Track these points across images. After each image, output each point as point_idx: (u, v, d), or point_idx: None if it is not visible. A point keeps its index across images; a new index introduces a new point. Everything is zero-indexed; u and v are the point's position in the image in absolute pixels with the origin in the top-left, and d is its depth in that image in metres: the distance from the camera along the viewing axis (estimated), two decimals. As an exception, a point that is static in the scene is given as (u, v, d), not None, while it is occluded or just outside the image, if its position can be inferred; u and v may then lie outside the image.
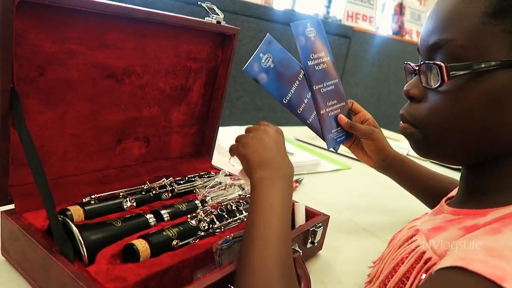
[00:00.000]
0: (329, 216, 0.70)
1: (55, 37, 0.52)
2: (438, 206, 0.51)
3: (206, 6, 0.69)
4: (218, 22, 0.70)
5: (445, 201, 0.50)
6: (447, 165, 0.46)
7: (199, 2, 0.70)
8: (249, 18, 2.27)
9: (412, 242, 0.46)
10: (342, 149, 1.36)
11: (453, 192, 0.54)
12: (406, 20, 3.59)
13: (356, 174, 1.22)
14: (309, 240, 0.65)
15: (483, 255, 0.32)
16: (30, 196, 0.55)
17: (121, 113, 0.65)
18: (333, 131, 0.75)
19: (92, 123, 0.62)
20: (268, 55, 0.65)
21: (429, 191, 0.82)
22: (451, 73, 0.40)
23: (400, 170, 0.81)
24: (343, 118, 0.77)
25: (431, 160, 1.17)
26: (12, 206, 0.54)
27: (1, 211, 0.53)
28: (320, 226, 0.65)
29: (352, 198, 0.99)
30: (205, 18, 0.69)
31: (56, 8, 0.50)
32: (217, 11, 0.70)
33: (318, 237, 0.65)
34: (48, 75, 0.53)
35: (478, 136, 0.41)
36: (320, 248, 0.71)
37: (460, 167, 0.49)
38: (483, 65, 0.38)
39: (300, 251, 0.60)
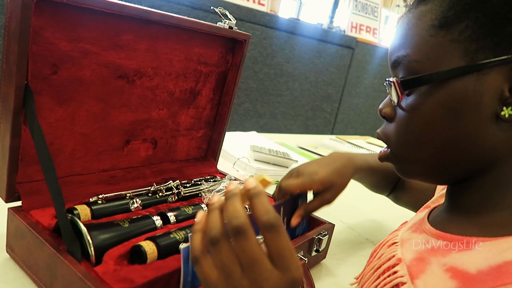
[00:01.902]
0: (334, 225, 0.70)
1: (70, 36, 0.52)
2: (419, 218, 0.48)
3: (219, 11, 0.69)
4: (230, 28, 0.70)
5: (429, 213, 0.47)
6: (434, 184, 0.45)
7: (211, 7, 0.70)
8: (254, 25, 2.29)
9: (394, 274, 0.42)
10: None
11: (436, 201, 0.51)
12: (409, 33, 3.61)
13: (359, 184, 1.21)
14: (314, 248, 0.64)
15: None
16: (37, 194, 0.55)
17: (130, 114, 0.65)
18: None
19: (101, 123, 0.62)
20: None
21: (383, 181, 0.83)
22: (403, 87, 0.40)
23: (361, 182, 0.83)
24: (293, 220, 0.63)
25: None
26: (19, 203, 0.54)
27: (8, 208, 0.53)
28: (325, 235, 0.65)
29: (355, 208, 0.99)
30: (217, 23, 0.69)
31: (73, 7, 0.51)
32: (229, 16, 0.70)
33: (323, 246, 0.65)
34: (61, 73, 0.54)
35: (445, 151, 0.39)
36: (324, 256, 0.71)
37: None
38: (433, 76, 0.38)
39: (306, 259, 0.60)
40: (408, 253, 0.42)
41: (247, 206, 0.67)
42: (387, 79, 0.42)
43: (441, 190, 0.55)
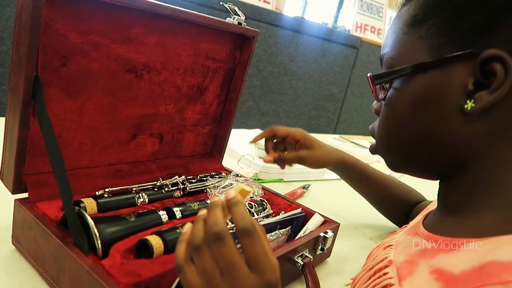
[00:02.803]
0: (339, 224, 0.69)
1: (81, 28, 0.52)
2: (416, 221, 0.49)
3: (228, 7, 0.69)
4: (239, 24, 0.70)
5: (424, 218, 0.48)
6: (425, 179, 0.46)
7: (221, 3, 0.70)
8: (259, 23, 2.28)
9: (383, 275, 0.42)
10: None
11: (435, 205, 0.51)
12: (414, 34, 3.60)
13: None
14: (319, 247, 0.64)
15: None
16: (44, 186, 0.55)
17: (138, 108, 0.65)
18: None
19: (109, 116, 0.62)
20: None
21: (379, 195, 0.86)
22: (375, 81, 0.42)
23: (345, 174, 0.86)
24: (267, 159, 0.77)
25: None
26: (25, 195, 0.53)
27: (15, 199, 0.52)
28: (331, 233, 0.65)
29: (359, 208, 0.99)
30: (226, 18, 0.69)
31: (84, -1, 0.51)
32: (238, 12, 0.70)
33: (328, 244, 0.65)
34: (70, 65, 0.53)
35: (418, 144, 0.41)
36: (329, 255, 0.70)
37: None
38: (401, 70, 0.40)
39: (311, 257, 0.60)
40: (400, 255, 0.43)
41: (251, 201, 0.67)
42: (367, 75, 0.45)
43: None
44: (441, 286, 0.34)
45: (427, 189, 0.86)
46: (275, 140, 0.82)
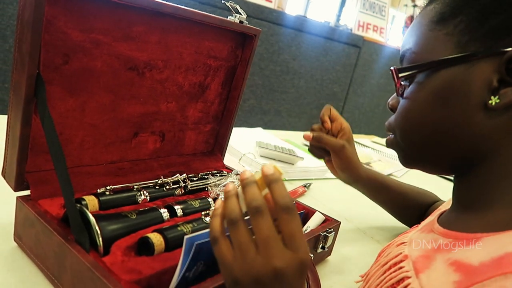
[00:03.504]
0: (340, 222, 0.69)
1: (83, 26, 0.52)
2: (430, 220, 0.49)
3: (230, 5, 0.69)
4: (241, 22, 0.70)
5: (438, 216, 0.48)
6: (438, 175, 0.47)
7: (223, 1, 0.70)
8: (261, 21, 2.28)
9: (399, 269, 0.43)
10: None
11: (447, 204, 0.52)
12: (416, 33, 3.59)
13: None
14: (320, 245, 0.64)
15: None
16: (45, 183, 0.55)
17: (140, 106, 0.65)
18: None
19: (110, 114, 0.62)
20: (199, 263, 0.45)
21: (399, 205, 0.84)
22: (400, 74, 0.43)
23: (366, 188, 0.83)
24: (307, 134, 0.77)
25: (449, 178, 1.16)
26: (27, 192, 0.54)
27: (17, 197, 0.53)
28: (331, 232, 0.65)
29: (359, 207, 0.99)
30: (228, 17, 0.69)
31: (86, -3, 0.51)
32: (240, 10, 0.70)
33: (329, 243, 0.65)
34: (72, 63, 0.53)
35: (437, 136, 0.42)
36: (329, 254, 0.71)
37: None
38: (426, 65, 0.41)
39: (312, 255, 0.60)
40: (415, 251, 0.43)
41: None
42: (390, 68, 0.45)
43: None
44: (460, 277, 0.34)
45: (440, 189, 0.86)
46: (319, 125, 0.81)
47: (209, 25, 0.66)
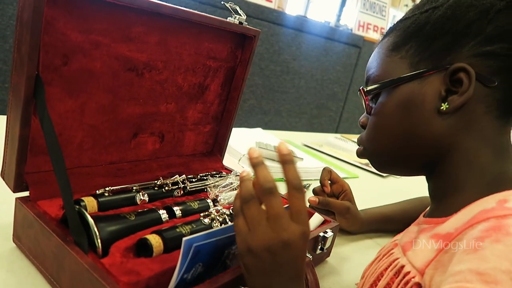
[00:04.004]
0: (339, 224, 0.69)
1: (82, 27, 0.52)
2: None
3: (230, 6, 0.69)
4: (240, 23, 0.70)
5: (424, 213, 0.54)
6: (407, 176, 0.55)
7: (222, 2, 0.70)
8: (261, 21, 2.28)
9: (390, 255, 0.51)
10: (350, 158, 1.36)
11: None
12: (417, 34, 3.59)
13: (363, 184, 1.21)
14: (319, 246, 0.64)
15: (478, 282, 0.33)
16: (44, 184, 0.55)
17: (139, 107, 0.65)
18: None
19: (110, 115, 0.62)
20: (197, 265, 0.45)
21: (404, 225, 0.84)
22: (367, 93, 0.52)
23: (373, 228, 0.86)
24: (313, 199, 0.79)
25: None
26: (26, 193, 0.54)
27: (16, 198, 0.53)
28: (330, 233, 0.65)
29: (358, 208, 0.99)
30: (228, 18, 0.69)
31: (85, -2, 0.51)
32: (239, 11, 0.70)
33: (328, 244, 0.65)
34: (72, 64, 0.53)
35: (403, 141, 0.49)
36: (328, 255, 0.71)
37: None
38: (388, 83, 0.49)
39: (310, 256, 0.60)
40: (403, 239, 0.51)
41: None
42: (359, 88, 0.54)
43: None
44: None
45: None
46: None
47: (208, 26, 0.66)
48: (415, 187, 0.87)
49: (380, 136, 0.52)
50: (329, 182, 0.84)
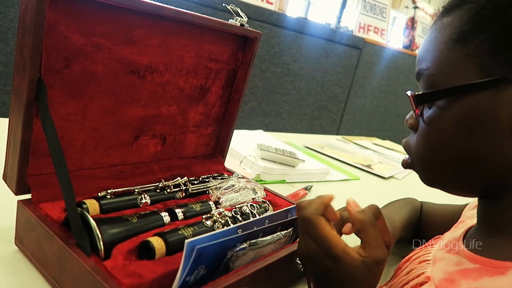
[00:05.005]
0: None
1: (84, 30, 0.52)
2: (454, 236, 0.48)
3: (231, 8, 0.69)
4: (242, 25, 0.70)
5: (464, 235, 0.47)
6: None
7: (224, 4, 0.70)
8: (262, 23, 2.29)
9: None
10: (351, 159, 1.36)
11: (473, 216, 0.50)
12: (417, 35, 3.60)
13: (365, 185, 1.21)
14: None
15: None
16: (46, 187, 0.55)
17: (141, 110, 0.65)
18: None
19: (111, 117, 0.62)
20: (200, 267, 0.45)
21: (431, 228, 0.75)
22: (418, 102, 0.41)
23: (408, 234, 0.75)
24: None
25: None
26: (28, 196, 0.54)
27: (18, 201, 0.53)
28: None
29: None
30: (229, 20, 0.69)
31: (87, 1, 0.51)
32: (241, 13, 0.70)
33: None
34: (73, 67, 0.54)
35: (461, 166, 0.39)
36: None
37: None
38: (448, 91, 0.37)
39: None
40: (438, 273, 0.42)
41: (253, 202, 0.66)
42: (406, 92, 0.43)
43: (472, 208, 0.55)
44: None
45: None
46: None
47: (210, 28, 0.67)
48: (416, 188, 0.87)
49: (432, 152, 0.42)
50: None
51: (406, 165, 0.48)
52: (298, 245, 0.46)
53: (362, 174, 1.30)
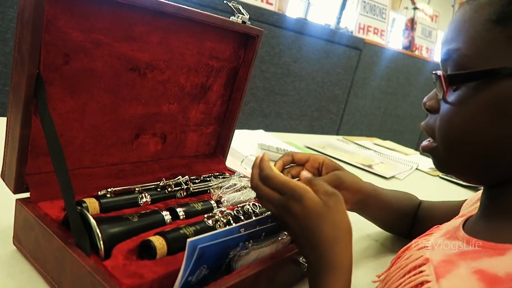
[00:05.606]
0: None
1: (83, 26, 0.51)
2: (453, 225, 0.47)
3: (232, 5, 0.69)
4: (243, 22, 0.69)
5: (463, 223, 0.46)
6: (471, 184, 0.43)
7: (225, 1, 0.69)
8: (262, 24, 2.28)
9: (420, 273, 0.42)
10: (352, 159, 1.35)
11: (472, 210, 0.51)
12: (417, 36, 3.60)
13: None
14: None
15: None
16: (45, 186, 0.54)
17: (141, 108, 0.64)
18: None
19: (111, 115, 0.61)
20: (202, 267, 0.44)
21: (388, 216, 0.75)
22: (449, 82, 0.39)
23: (367, 205, 0.70)
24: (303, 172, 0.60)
25: (453, 180, 1.14)
26: (27, 195, 0.53)
27: (17, 199, 0.52)
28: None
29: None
30: (231, 17, 0.69)
31: (87, -4, 0.50)
32: (242, 11, 0.69)
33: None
34: (73, 63, 0.53)
35: (487, 150, 0.38)
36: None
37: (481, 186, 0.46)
38: (484, 73, 0.36)
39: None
40: (437, 255, 0.41)
41: (255, 201, 0.66)
42: (433, 72, 0.41)
43: (471, 204, 0.55)
44: (483, 287, 0.33)
45: (444, 192, 0.85)
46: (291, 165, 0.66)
47: (211, 25, 0.66)
48: (417, 189, 0.86)
49: (455, 138, 0.40)
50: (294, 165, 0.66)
51: (428, 149, 0.45)
52: (270, 210, 0.50)
53: (363, 174, 1.29)
